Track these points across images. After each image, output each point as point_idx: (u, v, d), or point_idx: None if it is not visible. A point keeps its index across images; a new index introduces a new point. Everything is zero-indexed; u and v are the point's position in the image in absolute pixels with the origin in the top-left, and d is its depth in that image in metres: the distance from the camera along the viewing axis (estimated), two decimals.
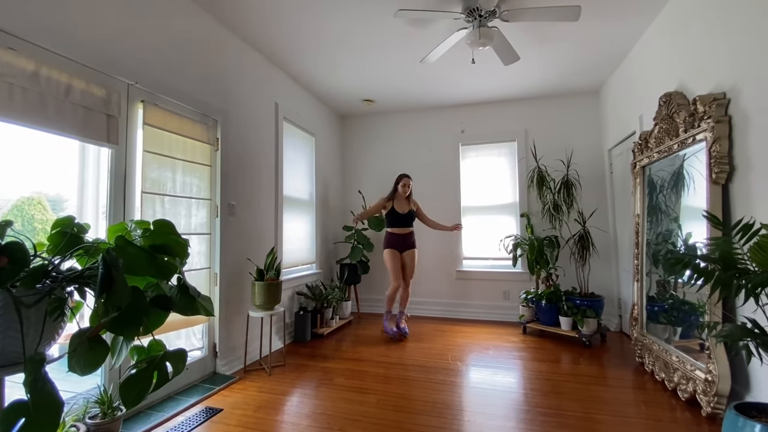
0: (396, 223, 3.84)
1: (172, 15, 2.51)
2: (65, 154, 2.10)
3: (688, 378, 2.24)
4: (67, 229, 1.22)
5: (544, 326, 3.78)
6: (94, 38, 2.03)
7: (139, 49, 2.29)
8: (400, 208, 3.86)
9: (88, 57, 1.99)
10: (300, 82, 4.08)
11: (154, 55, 2.38)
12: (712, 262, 1.65)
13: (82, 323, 1.66)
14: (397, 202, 3.88)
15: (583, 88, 4.31)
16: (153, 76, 2.36)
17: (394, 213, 3.85)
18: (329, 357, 3.21)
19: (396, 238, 3.84)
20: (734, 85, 2.05)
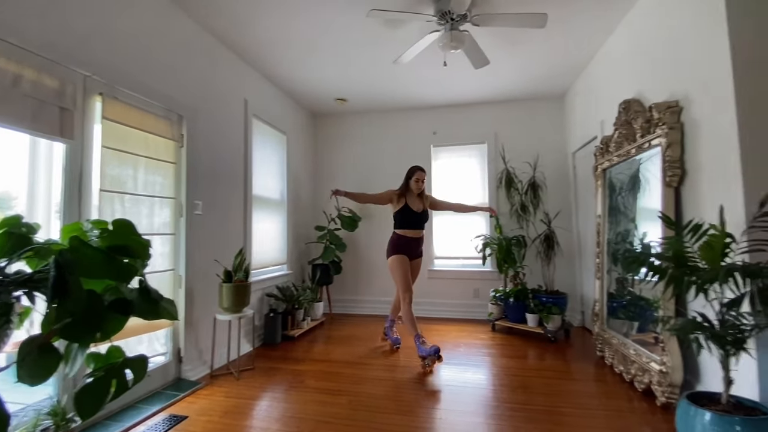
0: (410, 223, 3.23)
1: (133, 5, 2.39)
2: (13, 148, 1.96)
3: (644, 370, 2.37)
4: (14, 229, 1.13)
5: (512, 323, 3.89)
6: (47, 26, 1.90)
7: (98, 39, 2.16)
8: (414, 206, 3.26)
9: (40, 45, 1.86)
10: (271, 80, 3.99)
11: (114, 46, 2.26)
12: (666, 261, 1.76)
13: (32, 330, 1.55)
14: (411, 199, 3.27)
15: (549, 93, 4.47)
16: (113, 68, 2.24)
17: (408, 211, 3.23)
18: (300, 359, 3.16)
19: (408, 243, 3.24)
20: (686, 94, 2.19)
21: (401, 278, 3.15)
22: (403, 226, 3.25)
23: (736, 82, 1.80)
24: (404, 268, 3.17)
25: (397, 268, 3.18)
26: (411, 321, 3.06)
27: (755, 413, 1.50)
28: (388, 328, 3.51)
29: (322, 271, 4.44)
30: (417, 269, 3.37)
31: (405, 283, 3.14)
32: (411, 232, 3.24)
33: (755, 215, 1.62)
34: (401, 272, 3.16)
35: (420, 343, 2.95)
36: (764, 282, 1.47)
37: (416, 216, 3.24)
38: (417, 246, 3.30)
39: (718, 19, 1.89)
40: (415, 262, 3.34)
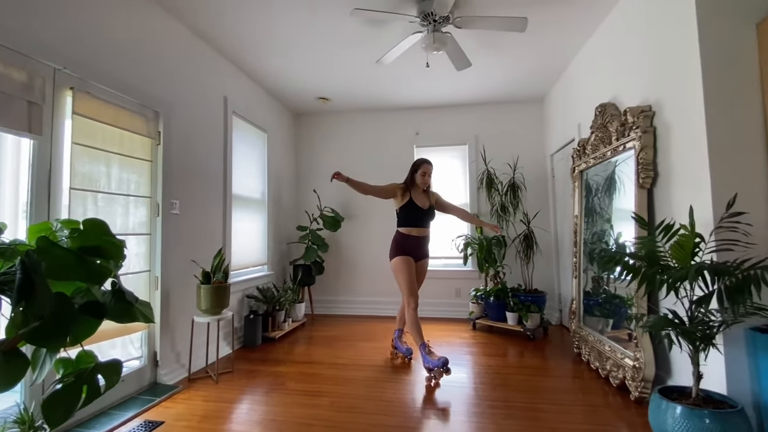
0: (415, 221, 2.98)
1: None
2: None
3: (618, 365, 2.45)
4: None
5: (492, 322, 3.95)
6: (15, 17, 1.81)
7: (70, 32, 2.07)
8: (420, 201, 3.01)
9: (7, 37, 1.77)
10: (252, 77, 3.93)
11: (87, 39, 2.17)
12: (639, 260, 1.82)
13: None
14: (416, 195, 3.02)
15: (529, 96, 4.55)
16: (85, 62, 2.15)
17: (413, 207, 2.97)
18: (281, 361, 3.12)
19: (413, 243, 2.98)
20: (659, 99, 2.27)
21: (406, 282, 2.88)
22: (408, 223, 2.98)
23: (705, 88, 1.88)
24: (409, 271, 2.90)
25: (401, 270, 2.90)
26: (416, 328, 2.83)
27: (723, 406, 1.57)
28: (397, 338, 3.23)
29: (303, 272, 4.40)
30: (423, 271, 3.12)
31: (410, 287, 2.87)
32: (416, 230, 2.98)
33: (723, 216, 1.69)
34: (406, 275, 2.89)
35: (426, 353, 2.71)
36: (731, 280, 1.54)
37: (422, 213, 2.98)
38: (423, 246, 3.05)
39: (690, 27, 1.97)
40: (421, 263, 3.08)
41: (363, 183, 2.89)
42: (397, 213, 3.04)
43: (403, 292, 2.91)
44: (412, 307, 2.84)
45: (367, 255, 4.92)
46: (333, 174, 2.76)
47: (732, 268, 1.54)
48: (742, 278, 1.52)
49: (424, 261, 3.10)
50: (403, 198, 2.99)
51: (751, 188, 1.82)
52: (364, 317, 4.69)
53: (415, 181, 3.03)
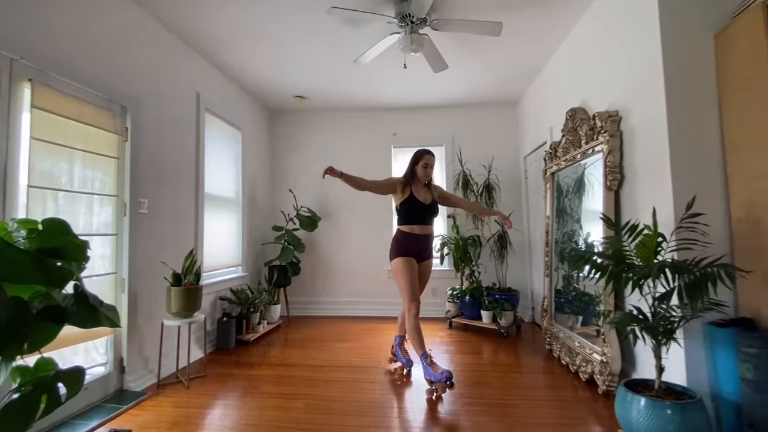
0: (417, 217, 2.72)
1: None
2: None
3: (587, 361, 2.54)
4: None
5: (468, 320, 4.01)
6: None
7: (29, 21, 1.95)
8: (421, 196, 2.76)
9: None
10: (225, 73, 3.83)
11: (47, 28, 2.05)
12: (607, 259, 1.89)
13: None
14: (417, 189, 2.78)
15: (504, 99, 4.66)
16: (45, 52, 2.03)
17: (414, 203, 2.71)
18: (255, 364, 3.06)
19: (415, 242, 2.73)
20: (625, 104, 2.38)
21: (406, 285, 2.63)
22: (410, 220, 2.71)
23: (668, 95, 1.98)
24: (411, 273, 2.65)
25: (402, 272, 2.65)
26: (418, 337, 2.59)
27: (683, 398, 1.66)
28: (397, 346, 3.01)
29: (279, 273, 4.33)
30: (427, 273, 2.87)
31: (411, 291, 2.62)
32: (419, 228, 2.71)
33: (683, 217, 1.79)
34: (407, 278, 2.63)
35: (428, 364, 2.48)
36: (690, 277, 1.63)
37: (424, 208, 2.73)
38: (426, 245, 2.79)
39: (653, 37, 2.06)
40: (424, 265, 2.82)
41: (358, 178, 2.63)
42: (398, 210, 2.78)
43: (403, 296, 2.66)
44: (413, 314, 2.61)
45: (345, 255, 4.90)
46: (325, 170, 2.49)
47: (691, 266, 1.63)
48: (700, 275, 1.61)
49: (427, 262, 2.84)
50: (403, 193, 2.73)
51: (708, 190, 1.93)
52: (342, 318, 4.66)
53: (415, 174, 2.77)
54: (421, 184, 2.80)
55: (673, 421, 1.56)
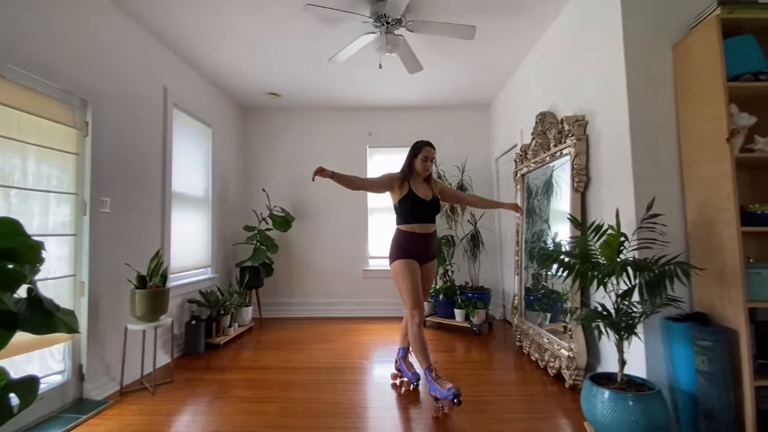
0: (418, 215, 2.47)
1: None
2: None
3: (555, 356, 2.63)
4: None
5: (441, 319, 4.06)
6: None
7: None
8: (422, 192, 2.53)
9: None
10: (195, 68, 3.70)
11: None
12: (574, 257, 1.97)
13: None
14: (416, 185, 2.54)
15: (477, 102, 4.75)
16: None
17: (414, 200, 2.48)
18: (226, 368, 2.97)
19: (417, 242, 2.47)
20: (591, 110, 2.48)
21: (408, 289, 2.38)
22: (410, 219, 2.48)
23: (630, 102, 2.08)
24: (413, 277, 2.40)
25: (404, 276, 2.40)
26: (421, 347, 2.34)
27: (643, 389, 1.74)
28: (401, 359, 2.70)
29: (251, 274, 4.23)
30: (430, 277, 2.61)
31: (414, 296, 2.37)
32: (420, 226, 2.47)
33: (643, 217, 1.88)
34: (409, 282, 2.38)
35: (433, 378, 2.26)
36: (649, 275, 1.72)
37: (426, 205, 2.49)
38: (429, 245, 2.53)
39: (617, 46, 2.16)
40: (428, 267, 2.56)
41: (352, 177, 2.42)
42: (396, 208, 2.56)
43: (405, 302, 2.41)
44: (416, 322, 2.35)
45: (320, 255, 4.85)
46: (315, 171, 2.25)
47: (650, 264, 1.72)
48: (658, 273, 1.70)
49: (430, 264, 2.58)
50: (401, 190, 2.51)
51: (666, 193, 2.04)
52: (317, 319, 4.62)
53: (414, 168, 2.53)
54: (421, 179, 2.57)
55: (634, 412, 1.64)
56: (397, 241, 2.51)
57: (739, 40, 1.81)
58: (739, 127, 1.79)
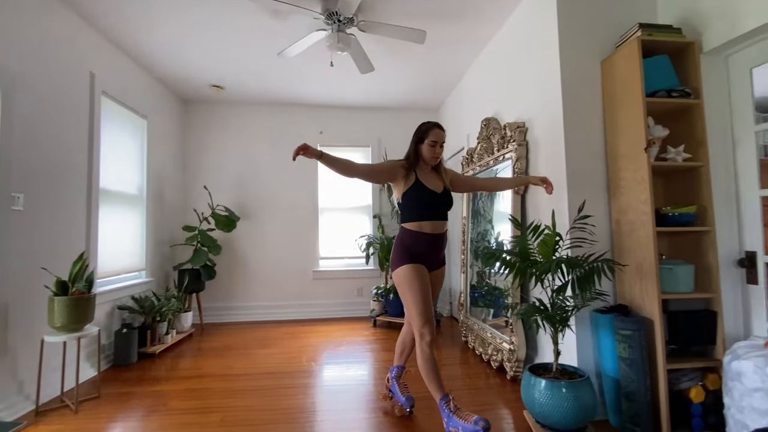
0: (427, 211, 2.07)
1: None
2: None
3: (498, 350, 2.77)
4: None
5: (392, 318, 4.11)
6: None
7: None
8: (431, 183, 2.12)
9: None
10: (128, 52, 3.40)
11: None
12: (514, 256, 2.08)
13: None
14: (423, 174, 2.13)
15: (426, 105, 4.86)
16: None
17: (422, 193, 2.07)
18: (162, 378, 2.77)
19: (426, 244, 2.07)
20: (531, 117, 2.64)
21: (417, 302, 1.96)
22: (418, 215, 2.06)
23: (564, 111, 2.24)
24: (422, 286, 1.99)
25: (411, 284, 1.98)
26: (433, 374, 1.92)
27: (575, 377, 1.89)
28: (393, 379, 2.33)
29: (191, 277, 3.98)
30: (439, 286, 2.22)
31: (424, 310, 1.95)
32: (430, 225, 2.06)
33: (575, 218, 2.04)
34: (417, 292, 1.97)
35: (452, 411, 1.82)
36: (580, 271, 1.87)
37: (437, 198, 2.09)
38: (440, 247, 2.13)
39: (553, 59, 2.32)
40: (437, 274, 2.18)
41: (346, 160, 1.99)
42: (400, 203, 2.13)
43: (411, 316, 1.98)
44: (426, 341, 1.93)
45: (267, 257, 4.68)
46: (297, 149, 1.85)
47: (581, 261, 1.87)
48: (588, 269, 1.85)
49: (441, 271, 2.20)
50: (406, 180, 2.09)
51: (595, 196, 2.23)
52: (264, 323, 4.45)
53: (420, 154, 2.13)
54: (429, 167, 2.17)
55: (567, 398, 1.77)
56: (402, 243, 2.07)
57: (656, 60, 2.03)
58: (654, 138, 2.01)
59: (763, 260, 1.93)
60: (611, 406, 2.00)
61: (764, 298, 1.92)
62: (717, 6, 1.96)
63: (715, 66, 2.04)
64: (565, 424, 1.79)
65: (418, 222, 2.07)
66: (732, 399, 1.65)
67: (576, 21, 2.27)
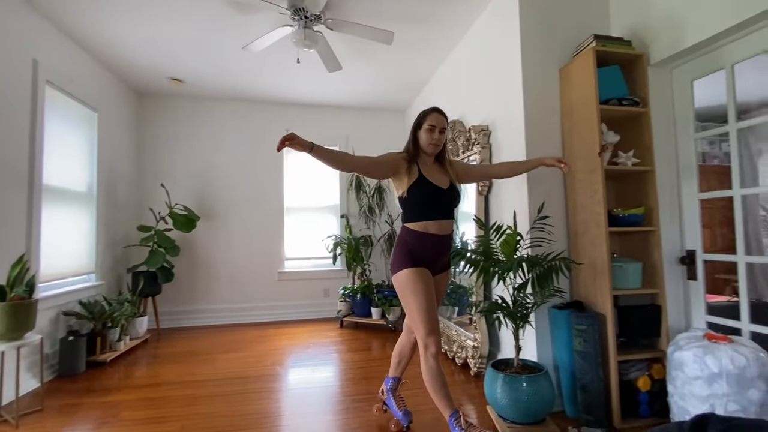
0: (433, 210, 1.86)
1: None
2: None
3: (462, 347, 2.83)
4: None
5: (358, 318, 4.10)
6: None
7: None
8: (435, 177, 1.90)
9: None
10: (77, 40, 3.17)
11: None
12: (478, 255, 2.14)
13: None
14: (427, 168, 1.91)
15: (394, 106, 4.89)
16: None
17: (426, 188, 1.85)
18: (114, 388, 2.61)
19: (431, 245, 1.87)
20: (494, 121, 2.72)
21: (420, 309, 1.76)
22: (422, 214, 1.85)
23: (525, 116, 2.33)
24: (426, 292, 1.79)
25: (415, 291, 1.78)
26: (440, 387, 1.75)
27: (535, 371, 1.97)
28: (389, 391, 2.12)
29: (146, 280, 3.77)
30: (442, 292, 2.03)
31: (428, 319, 1.76)
32: (436, 225, 1.85)
33: (535, 219, 2.12)
34: (421, 298, 1.77)
35: (462, 429, 1.65)
36: (540, 270, 1.95)
37: (443, 195, 1.87)
38: (446, 249, 1.92)
39: (515, 65, 2.40)
40: (441, 279, 1.99)
41: (341, 152, 1.75)
42: (402, 200, 1.90)
43: (414, 325, 1.79)
44: (432, 353, 1.75)
45: (230, 258, 4.52)
46: (283, 138, 1.57)
47: (541, 260, 1.95)
48: (547, 268, 1.93)
49: (445, 275, 2.01)
50: (409, 175, 1.86)
51: (554, 197, 2.33)
52: (227, 327, 4.30)
53: (419, 143, 1.91)
54: (432, 160, 1.95)
55: (527, 392, 1.84)
56: (405, 244, 1.87)
57: (608, 70, 2.15)
58: (607, 144, 2.13)
59: (701, 258, 2.10)
60: (568, 398, 2.10)
61: (702, 292, 2.09)
62: (662, 22, 2.11)
63: (661, 77, 2.20)
64: (526, 417, 1.86)
65: (422, 222, 1.85)
66: (675, 387, 1.78)
67: (537, 30, 2.36)
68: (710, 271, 2.20)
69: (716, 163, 3.48)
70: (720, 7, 1.82)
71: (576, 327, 1.98)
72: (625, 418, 1.99)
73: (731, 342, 1.68)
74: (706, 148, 3.59)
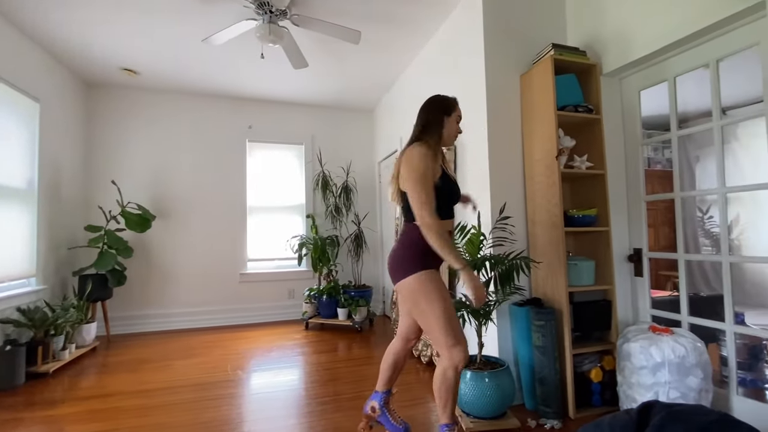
0: (451, 206, 1.74)
1: None
2: None
3: (427, 345, 2.87)
4: None
5: (324, 319, 4.05)
6: None
7: None
8: (452, 173, 1.81)
9: None
10: (16, 23, 2.92)
11: None
12: None
13: None
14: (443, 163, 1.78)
15: (361, 106, 4.88)
16: None
17: (450, 185, 1.72)
18: (58, 401, 2.41)
19: None
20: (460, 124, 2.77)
21: (442, 316, 1.61)
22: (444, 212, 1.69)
23: (489, 120, 2.40)
24: (447, 297, 1.65)
25: (434, 296, 1.62)
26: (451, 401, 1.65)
27: (496, 366, 2.03)
28: (381, 407, 1.91)
29: (95, 283, 3.53)
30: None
31: (453, 327, 1.62)
32: (451, 224, 1.75)
33: (497, 219, 2.19)
34: (442, 304, 1.62)
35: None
36: (502, 268, 2.01)
37: (458, 191, 1.77)
38: None
39: (479, 70, 2.47)
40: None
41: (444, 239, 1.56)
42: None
43: (435, 335, 1.63)
44: (454, 366, 1.62)
45: (188, 259, 4.32)
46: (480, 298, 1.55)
47: (503, 259, 2.01)
48: (509, 266, 2.00)
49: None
50: (434, 172, 1.66)
51: (515, 199, 2.41)
52: (184, 331, 4.11)
53: (442, 136, 1.72)
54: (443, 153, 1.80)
55: (489, 387, 1.90)
56: (416, 245, 1.64)
57: (565, 77, 2.26)
58: (564, 148, 2.24)
59: (647, 256, 2.26)
60: (527, 391, 2.19)
61: (648, 288, 2.25)
62: (613, 35, 2.25)
63: (612, 86, 2.34)
64: (488, 412, 1.92)
65: (443, 220, 1.67)
66: (624, 377, 1.90)
67: (499, 36, 2.44)
68: (654, 267, 2.38)
69: (659, 168, 3.77)
70: (665, 23, 1.96)
71: (535, 323, 2.07)
72: (579, 409, 2.10)
73: (672, 333, 1.82)
74: (651, 153, 3.87)
